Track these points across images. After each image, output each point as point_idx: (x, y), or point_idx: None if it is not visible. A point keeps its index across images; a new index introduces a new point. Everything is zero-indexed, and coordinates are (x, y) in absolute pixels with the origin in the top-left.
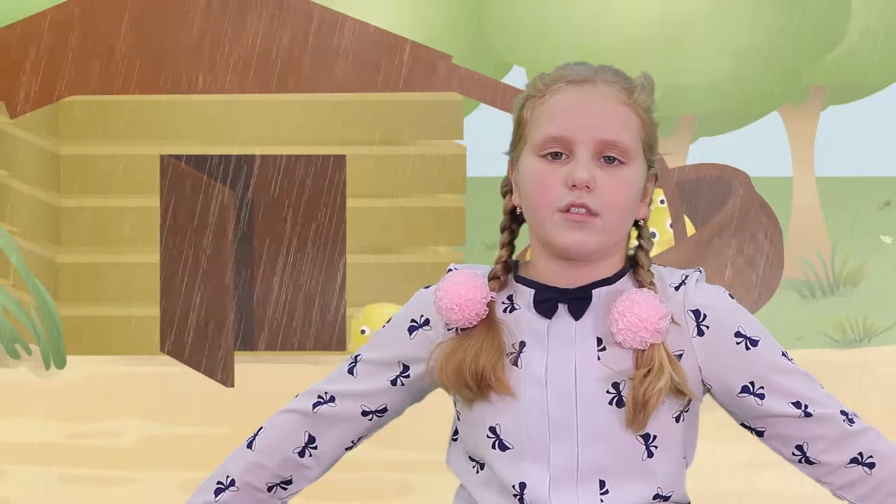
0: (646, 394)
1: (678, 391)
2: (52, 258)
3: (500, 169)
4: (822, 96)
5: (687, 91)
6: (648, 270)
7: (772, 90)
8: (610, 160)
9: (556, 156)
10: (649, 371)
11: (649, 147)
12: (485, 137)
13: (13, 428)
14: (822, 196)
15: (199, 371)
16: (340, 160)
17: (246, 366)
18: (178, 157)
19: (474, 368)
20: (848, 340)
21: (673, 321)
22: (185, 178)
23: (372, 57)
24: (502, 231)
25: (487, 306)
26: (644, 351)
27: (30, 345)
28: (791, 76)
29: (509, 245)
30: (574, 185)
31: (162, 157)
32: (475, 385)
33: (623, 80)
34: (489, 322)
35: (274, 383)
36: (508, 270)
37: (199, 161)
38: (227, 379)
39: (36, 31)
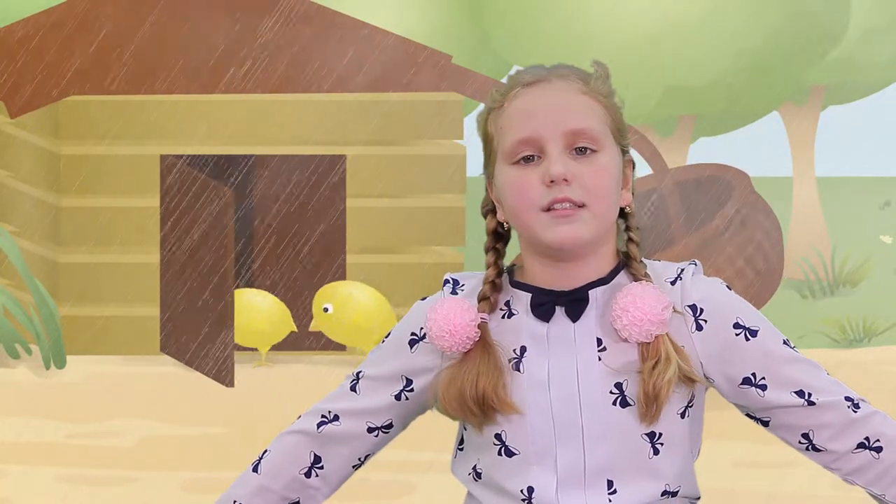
0: (655, 386)
1: (688, 379)
2: (52, 258)
3: None
4: (822, 96)
5: (687, 91)
6: (640, 262)
7: (772, 90)
8: (582, 151)
9: (528, 159)
10: (657, 363)
11: (619, 132)
12: None
13: (13, 428)
14: (822, 196)
15: (200, 371)
16: (340, 160)
17: (246, 366)
18: (178, 157)
19: (475, 393)
20: (848, 340)
21: (674, 310)
22: (185, 178)
23: (372, 57)
24: (487, 252)
25: (479, 328)
26: (649, 343)
27: (30, 345)
28: (791, 76)
29: (495, 265)
30: (552, 182)
31: (162, 157)
32: (478, 409)
33: (577, 72)
34: (483, 343)
35: (274, 383)
36: (498, 290)
37: (198, 161)
38: (227, 379)
39: (36, 31)
